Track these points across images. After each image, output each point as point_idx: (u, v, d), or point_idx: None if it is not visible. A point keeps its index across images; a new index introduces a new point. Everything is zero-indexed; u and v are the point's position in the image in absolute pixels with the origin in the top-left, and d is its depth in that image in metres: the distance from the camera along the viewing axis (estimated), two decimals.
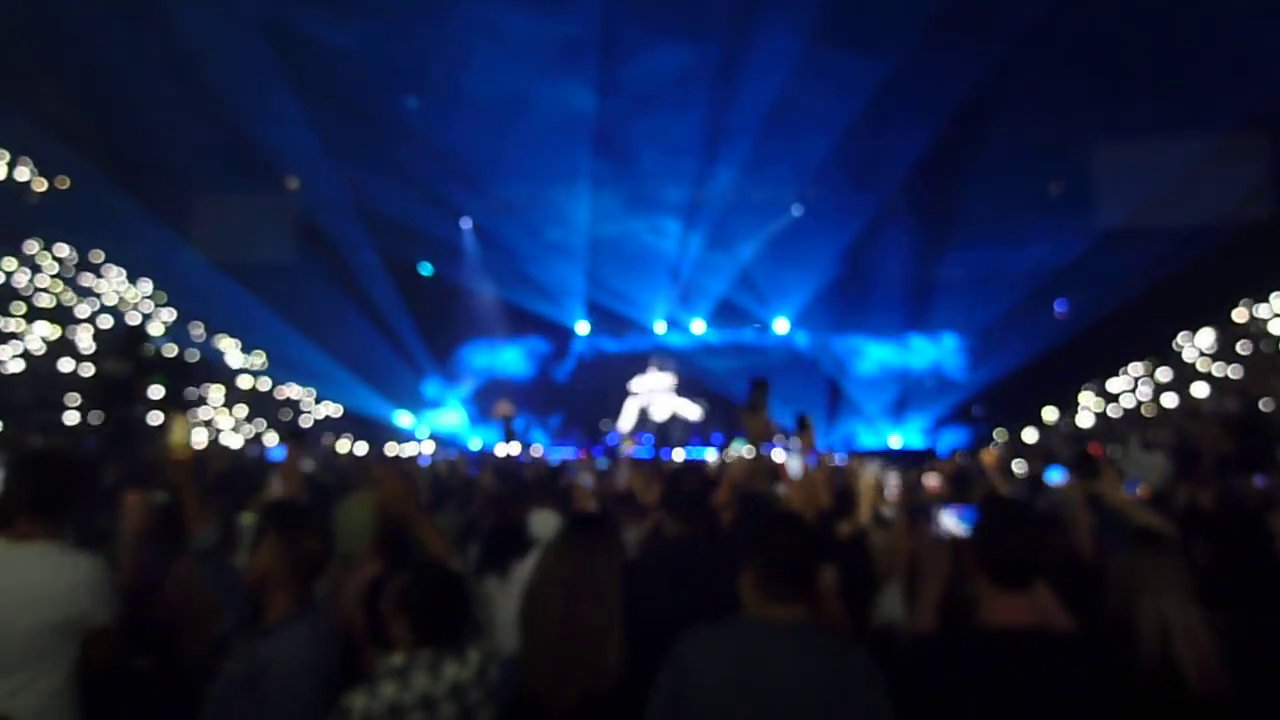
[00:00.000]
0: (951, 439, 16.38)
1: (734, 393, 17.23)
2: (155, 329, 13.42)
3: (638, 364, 17.94)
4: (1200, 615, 1.98)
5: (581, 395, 19.37)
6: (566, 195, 16.10)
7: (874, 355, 18.44)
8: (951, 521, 3.37)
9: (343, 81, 12.82)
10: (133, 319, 13.25)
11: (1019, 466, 7.27)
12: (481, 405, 19.16)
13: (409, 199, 15.13)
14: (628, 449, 7.17)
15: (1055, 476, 4.60)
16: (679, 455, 13.22)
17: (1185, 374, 11.95)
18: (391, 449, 13.69)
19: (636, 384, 17.54)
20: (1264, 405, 9.07)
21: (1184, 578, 2.05)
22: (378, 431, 15.91)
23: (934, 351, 18.32)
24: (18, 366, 10.70)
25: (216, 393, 14.41)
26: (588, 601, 1.95)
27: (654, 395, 17.99)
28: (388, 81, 13.29)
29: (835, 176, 14.90)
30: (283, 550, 2.15)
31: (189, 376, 12.11)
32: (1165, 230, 12.30)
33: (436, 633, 1.99)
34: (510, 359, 19.70)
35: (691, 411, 17.48)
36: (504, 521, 3.15)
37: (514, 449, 14.52)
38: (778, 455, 5.14)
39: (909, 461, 9.94)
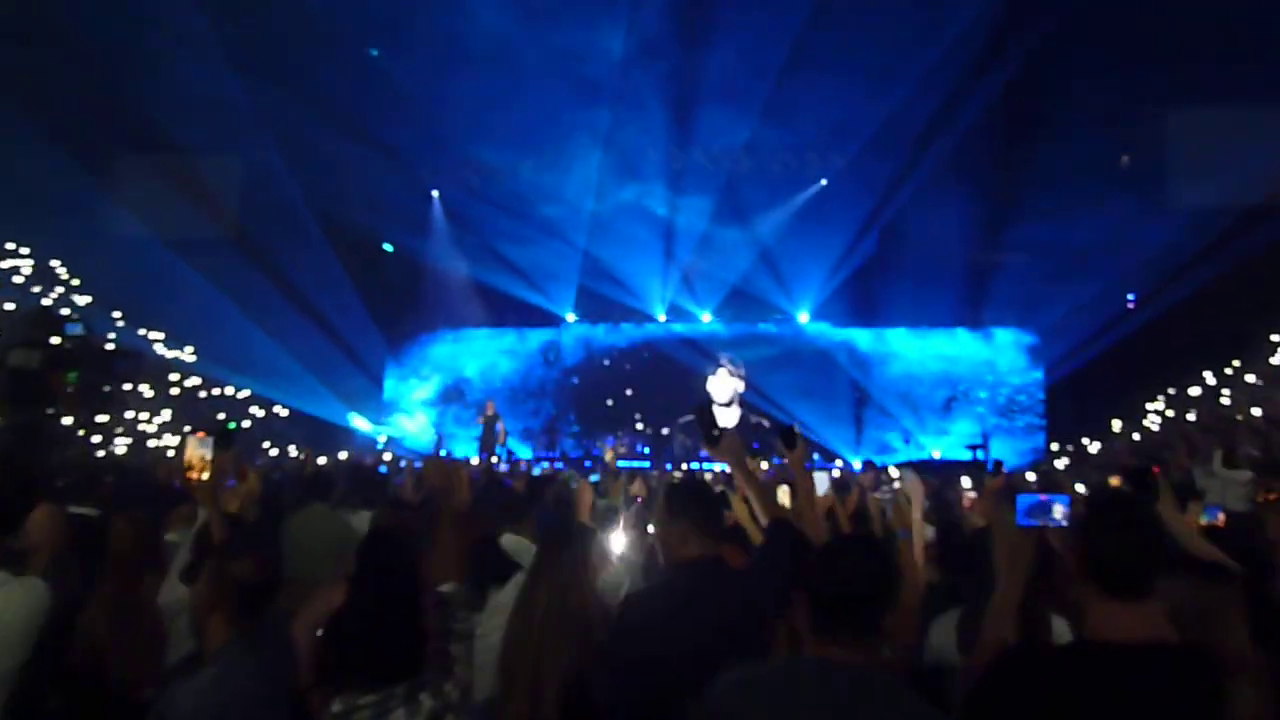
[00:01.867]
0: (1006, 450, 16.57)
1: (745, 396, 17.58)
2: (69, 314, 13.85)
3: (647, 361, 18.61)
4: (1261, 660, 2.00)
5: (575, 396, 19.70)
6: (554, 162, 16.37)
7: (913, 352, 18.68)
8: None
9: (290, 29, 12.90)
10: (43, 301, 13.37)
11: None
12: (451, 406, 19.56)
13: (368, 166, 15.32)
14: (612, 457, 7.33)
15: None
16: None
17: (1277, 378, 12.07)
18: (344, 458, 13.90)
19: (713, 387, 17.48)
20: None
21: (1242, 620, 2.07)
22: (329, 437, 16.19)
23: (985, 349, 18.53)
24: None
25: (142, 390, 14.50)
26: (564, 644, 1.98)
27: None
28: (343, 28, 13.41)
29: (870, 139, 15.05)
30: (209, 576, 2.23)
31: (109, 370, 12.05)
32: (1259, 211, 12.38)
33: (384, 674, 1.97)
34: (487, 353, 20.17)
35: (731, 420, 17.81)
36: (478, 543, 3.18)
37: (498, 456, 14.97)
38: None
39: (948, 474, 10.10)
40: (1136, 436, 14.48)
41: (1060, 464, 13.86)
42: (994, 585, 2.17)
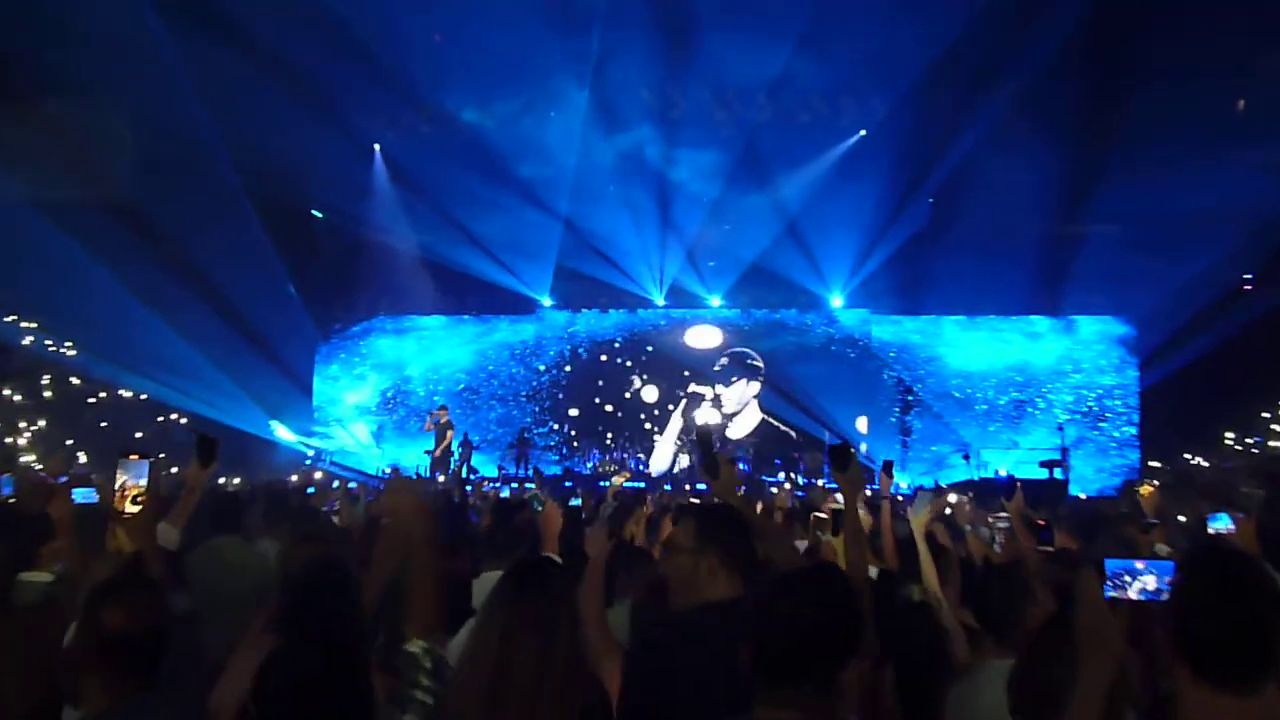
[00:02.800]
0: (1089, 468, 16.66)
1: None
2: None
3: (642, 356, 19.13)
4: None
5: (553, 399, 19.88)
6: (527, 107, 16.52)
7: (974, 346, 18.72)
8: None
9: None
10: None
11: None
12: (396, 413, 19.65)
13: (295, 114, 15.30)
14: (619, 483, 7.65)
15: (1221, 523, 4.63)
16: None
17: None
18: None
19: (728, 397, 18.04)
20: None
21: None
22: (245, 451, 16.42)
23: (1064, 341, 18.54)
24: None
25: (8, 393, 14.58)
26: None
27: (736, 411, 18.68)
28: None
29: (920, 78, 14.93)
30: (78, 629, 2.31)
31: None
32: None
33: None
34: (442, 346, 19.96)
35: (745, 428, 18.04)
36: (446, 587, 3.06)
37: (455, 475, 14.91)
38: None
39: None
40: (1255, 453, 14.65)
41: (1146, 490, 13.83)
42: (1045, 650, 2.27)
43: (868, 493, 5.63)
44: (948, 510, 6.72)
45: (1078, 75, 14.33)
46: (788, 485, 13.92)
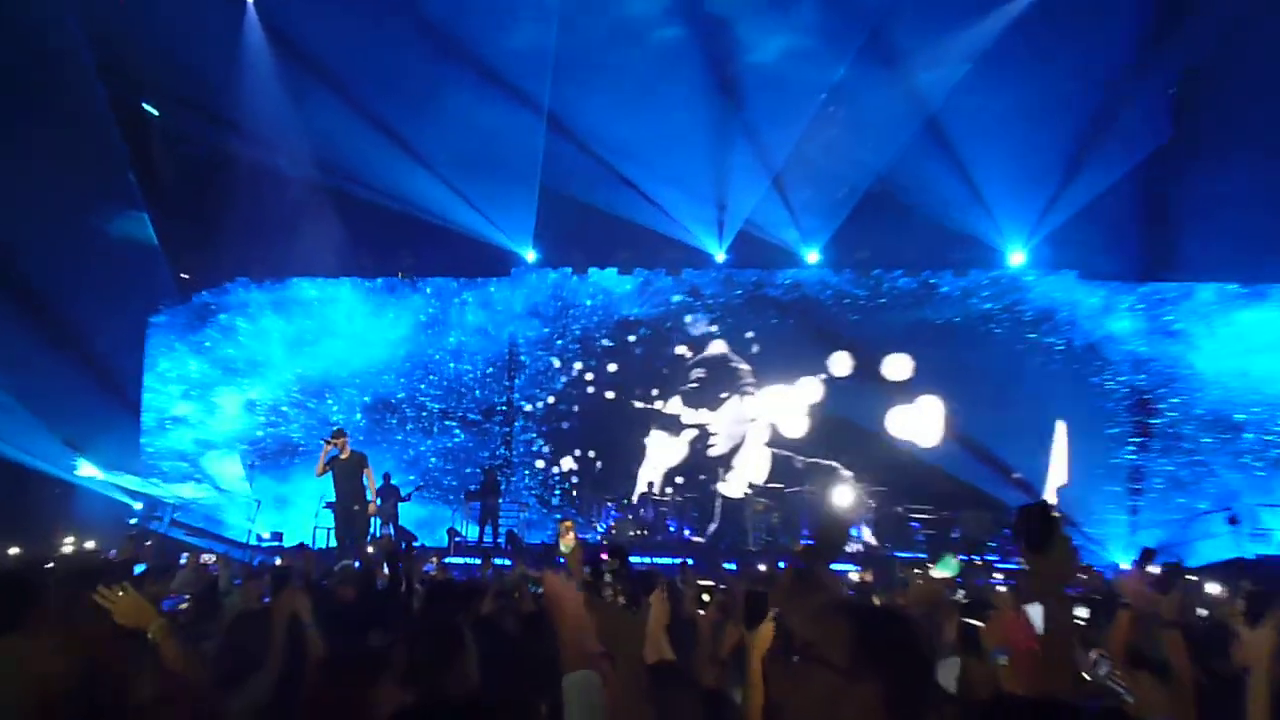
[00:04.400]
0: None
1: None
2: None
3: (682, 339, 19.03)
4: None
5: (534, 413, 19.65)
6: None
7: (1254, 333, 17.50)
8: None
9: None
10: None
11: None
12: (275, 434, 19.42)
13: None
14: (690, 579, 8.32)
15: None
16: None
17: None
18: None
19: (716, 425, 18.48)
20: None
21: None
22: (32, 504, 16.07)
23: None
24: None
25: None
26: None
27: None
28: None
29: None
30: None
31: None
32: None
33: None
34: (353, 329, 19.99)
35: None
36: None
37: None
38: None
39: None
40: None
41: None
42: None
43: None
44: (1201, 612, 6.97)
45: None
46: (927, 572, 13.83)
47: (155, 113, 18.14)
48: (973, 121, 17.00)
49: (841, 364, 18.20)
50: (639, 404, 19.17)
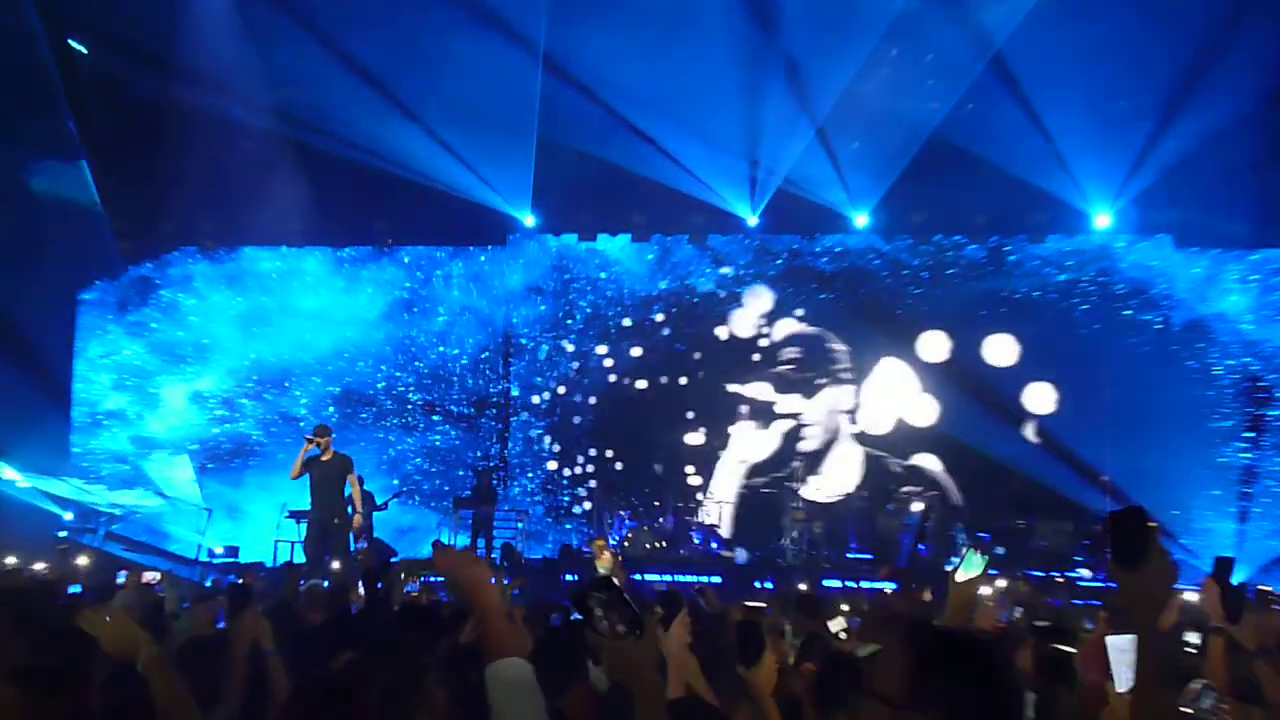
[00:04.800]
0: None
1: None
2: None
3: (708, 315, 18.76)
4: None
5: (553, 409, 19.47)
6: None
7: None
8: None
9: None
10: None
11: None
12: (233, 430, 19.32)
13: None
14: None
15: None
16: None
17: None
18: None
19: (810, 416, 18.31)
20: None
21: None
22: None
23: None
24: None
25: None
26: None
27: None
28: None
29: None
30: None
31: None
32: None
33: None
34: (320, 307, 19.74)
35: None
36: None
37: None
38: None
39: None
40: None
41: None
42: None
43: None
44: None
45: None
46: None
47: (83, 50, 17.42)
48: (1049, 60, 16.51)
49: (935, 346, 17.64)
50: (734, 387, 18.57)
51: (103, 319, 18.92)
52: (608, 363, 19.06)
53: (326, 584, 11.49)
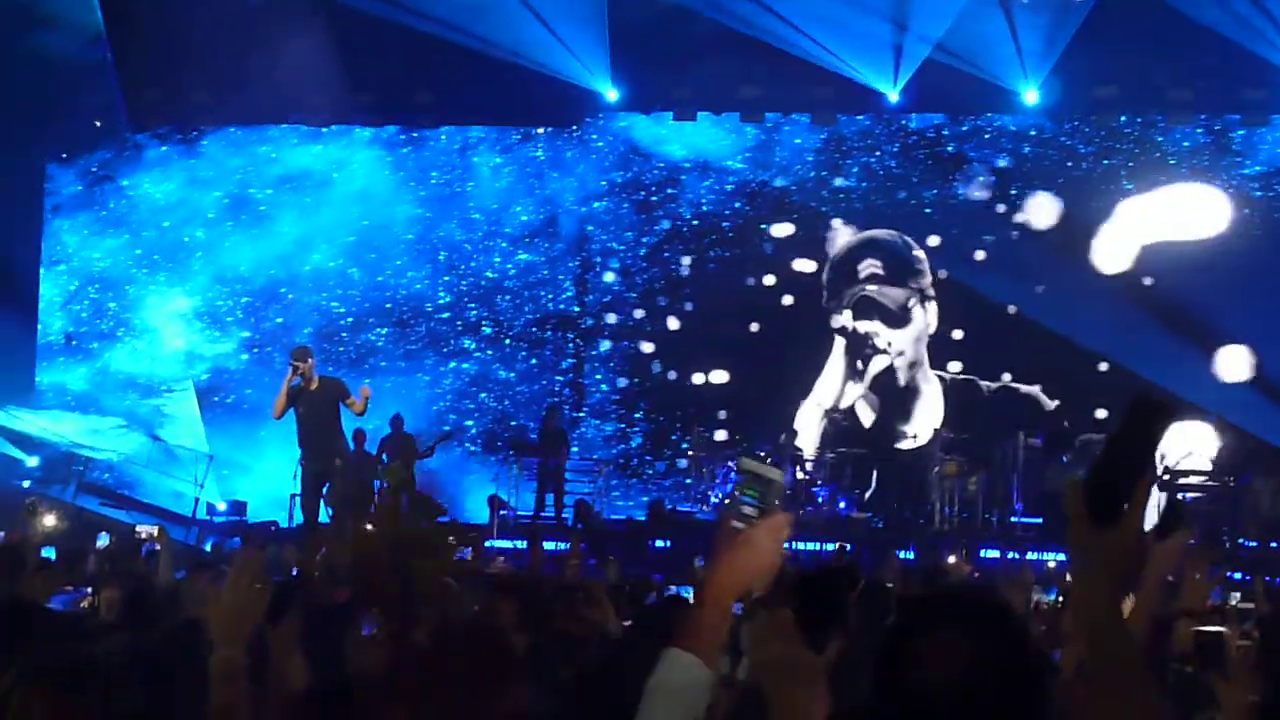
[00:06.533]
0: None
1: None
2: None
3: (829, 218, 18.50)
4: None
5: (640, 326, 19.04)
6: None
7: None
8: None
9: None
10: None
11: None
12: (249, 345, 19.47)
13: None
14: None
15: None
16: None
17: None
18: None
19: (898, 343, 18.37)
20: None
21: None
22: None
23: None
24: None
25: None
26: None
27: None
28: None
29: None
30: None
31: None
32: None
33: None
34: (356, 194, 19.45)
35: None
36: None
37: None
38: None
39: None
40: None
41: None
42: None
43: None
44: None
45: None
46: None
47: None
48: None
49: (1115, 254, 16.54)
50: (839, 319, 17.67)
51: (73, 209, 17.66)
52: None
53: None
